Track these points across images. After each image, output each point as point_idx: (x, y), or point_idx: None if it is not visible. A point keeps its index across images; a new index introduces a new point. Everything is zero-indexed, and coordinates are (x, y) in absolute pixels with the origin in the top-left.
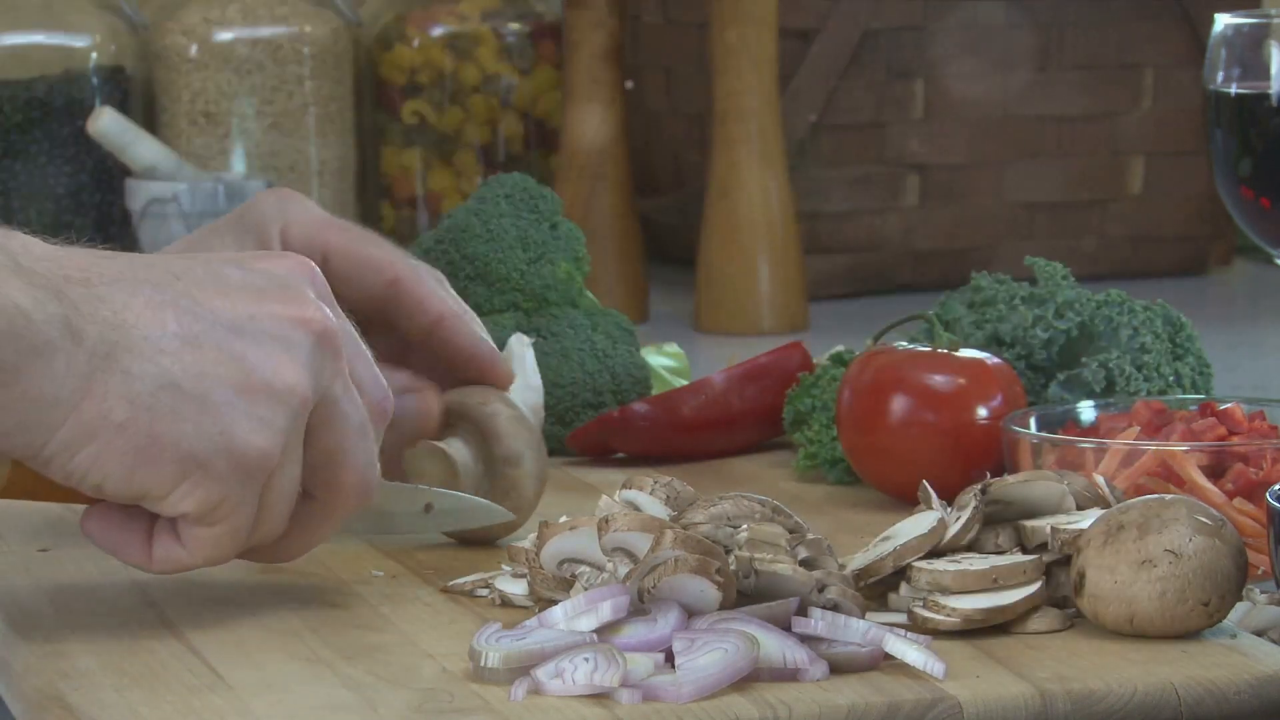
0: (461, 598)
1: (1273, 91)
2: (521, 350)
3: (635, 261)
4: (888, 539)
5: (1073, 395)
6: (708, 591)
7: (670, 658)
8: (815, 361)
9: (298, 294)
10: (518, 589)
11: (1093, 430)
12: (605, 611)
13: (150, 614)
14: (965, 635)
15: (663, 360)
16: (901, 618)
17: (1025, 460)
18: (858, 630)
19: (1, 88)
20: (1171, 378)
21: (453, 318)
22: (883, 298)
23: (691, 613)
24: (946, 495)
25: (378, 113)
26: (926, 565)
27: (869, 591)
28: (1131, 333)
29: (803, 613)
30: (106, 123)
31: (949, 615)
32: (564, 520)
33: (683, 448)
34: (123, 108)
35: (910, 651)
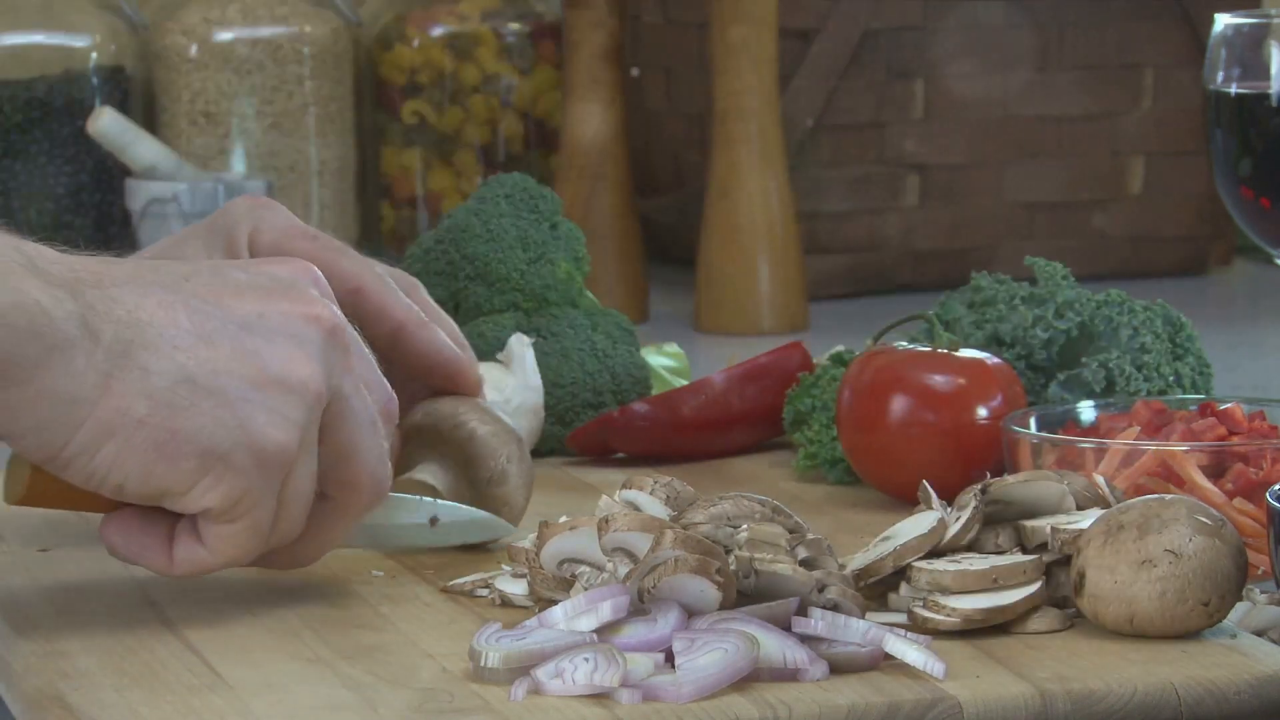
0: (461, 598)
1: (1273, 91)
2: (521, 350)
3: (635, 261)
4: (888, 539)
5: (1073, 395)
6: (708, 591)
7: (670, 658)
8: (815, 361)
9: (304, 293)
10: (518, 589)
11: (1093, 430)
12: (605, 611)
13: (150, 614)
14: (965, 635)
15: (663, 360)
16: (901, 618)
17: (1025, 460)
18: (858, 630)
19: (1, 88)
20: (1171, 378)
21: (414, 325)
22: (883, 298)
23: (691, 613)
24: (946, 495)
25: (378, 113)
26: (926, 565)
27: (869, 591)
28: (1131, 333)
29: (803, 613)
30: (106, 123)
31: (949, 615)
32: (564, 520)
33: (683, 448)
34: (123, 108)
35: (910, 651)
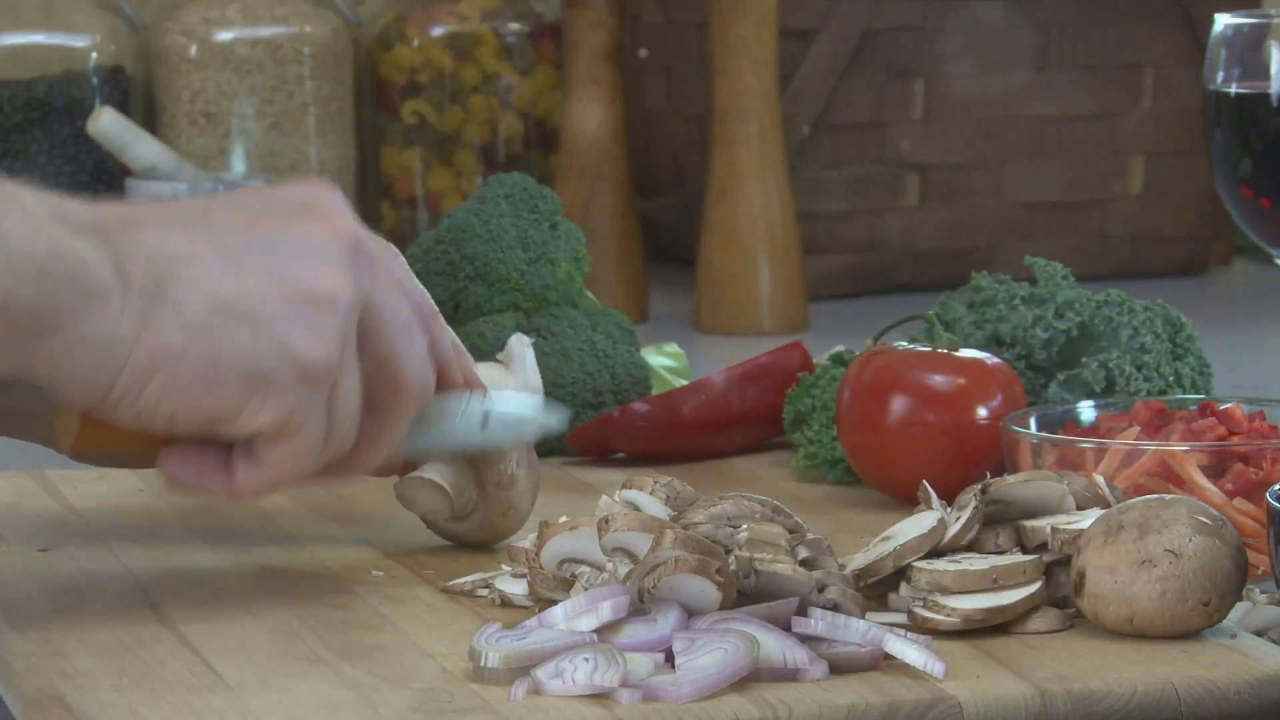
0: (461, 598)
1: (1273, 91)
2: (521, 350)
3: (635, 261)
4: (888, 539)
5: (1073, 395)
6: (708, 591)
7: (670, 658)
8: (815, 361)
9: (324, 210)
10: (518, 589)
11: (1093, 430)
12: (605, 611)
13: (150, 614)
14: (965, 635)
15: (663, 360)
16: (901, 618)
17: (1025, 460)
18: (858, 630)
19: (1, 88)
20: (1171, 378)
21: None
22: (883, 298)
23: (691, 613)
24: (946, 495)
25: (378, 113)
26: (926, 565)
27: (869, 591)
28: (1131, 333)
29: (803, 613)
30: (106, 123)
31: (949, 615)
32: (564, 520)
33: (683, 448)
34: (123, 108)
35: (910, 651)
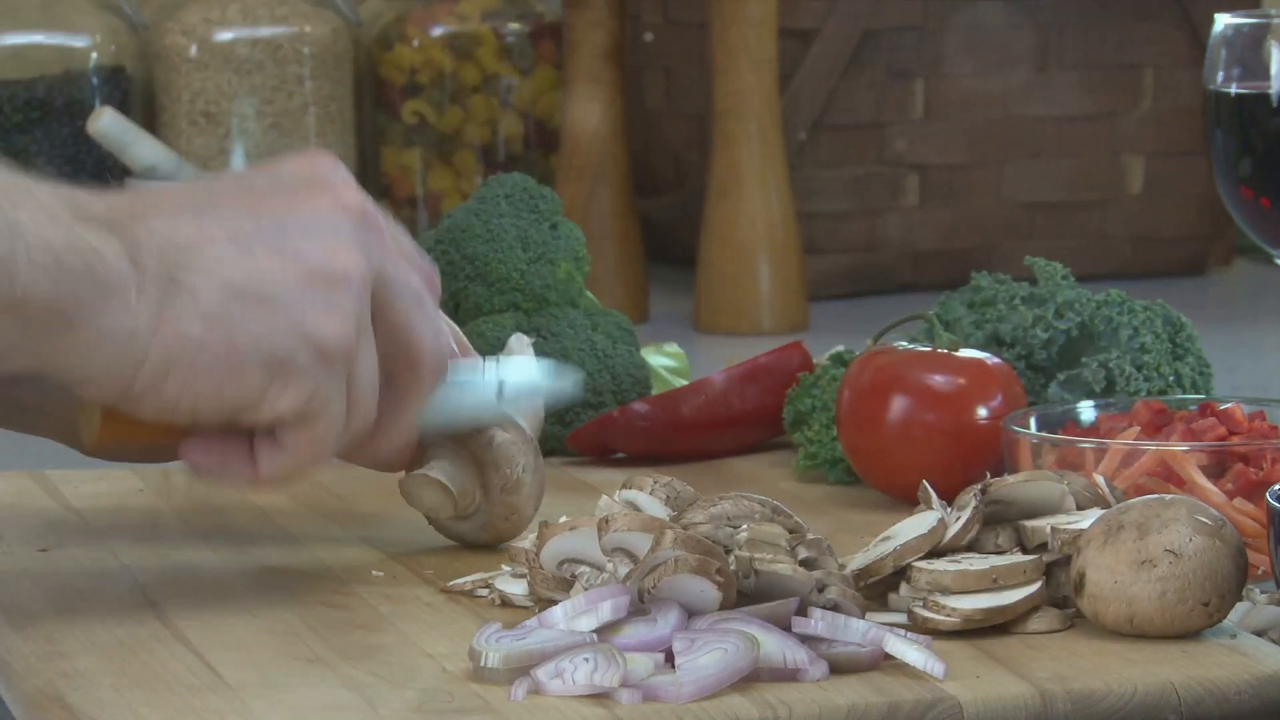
0: (461, 598)
1: (1273, 91)
2: (521, 350)
3: (635, 261)
4: (888, 539)
5: (1073, 395)
6: (708, 591)
7: (670, 658)
8: (815, 361)
9: (328, 184)
10: (518, 589)
11: (1093, 430)
12: (605, 611)
13: (150, 614)
14: (965, 635)
15: (663, 360)
16: (901, 618)
17: (1025, 460)
18: (858, 630)
19: (1, 88)
20: (1171, 378)
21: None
22: (883, 298)
23: (691, 613)
24: (946, 495)
25: (378, 113)
26: (926, 565)
27: (869, 591)
28: (1131, 333)
29: (803, 613)
30: (106, 123)
31: (949, 615)
32: (564, 520)
33: (683, 448)
34: (123, 108)
35: (910, 651)
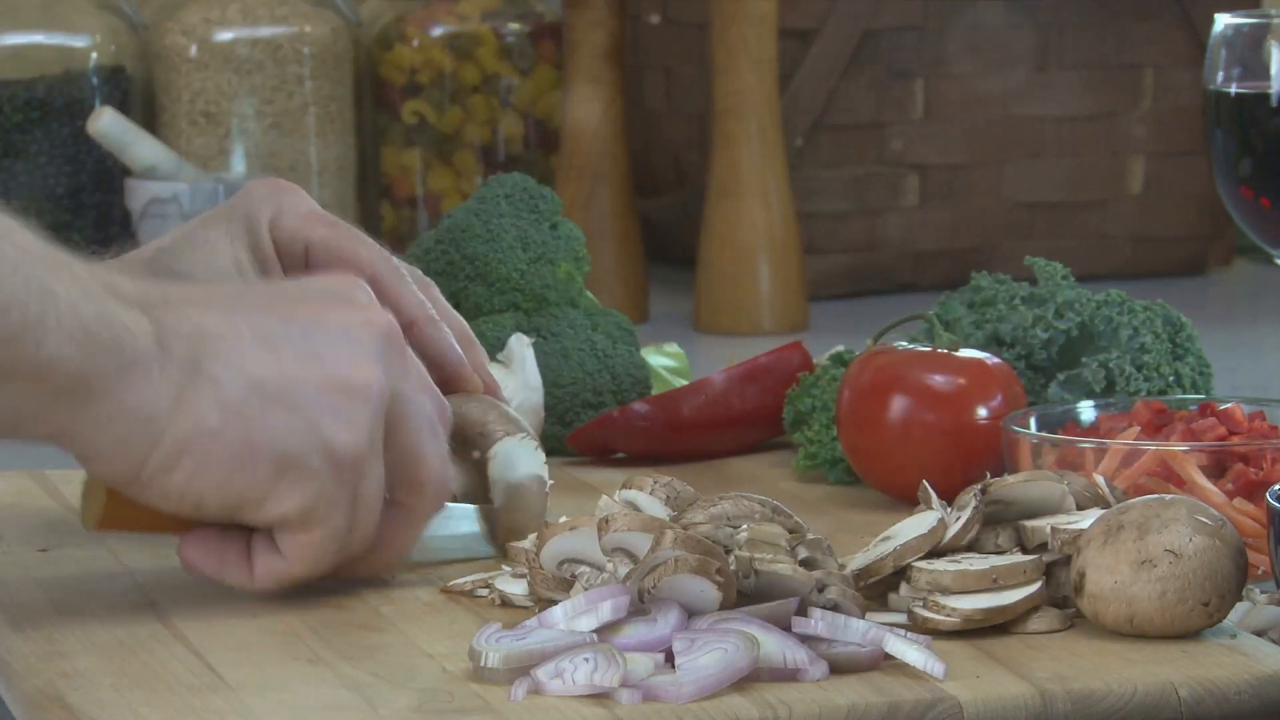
0: (461, 598)
1: (1273, 91)
2: (521, 350)
3: (635, 261)
4: (888, 539)
5: (1073, 395)
6: (708, 591)
7: (670, 658)
8: (815, 361)
9: (357, 300)
10: (518, 589)
11: (1093, 430)
12: (605, 611)
13: (150, 614)
14: (965, 635)
15: (663, 360)
16: (901, 618)
17: (1025, 460)
18: (858, 630)
19: (1, 88)
20: (1171, 378)
21: (424, 322)
22: (883, 298)
23: (691, 613)
24: (946, 495)
25: (378, 113)
26: (926, 565)
27: (869, 591)
28: (1131, 333)
29: (803, 613)
30: (106, 123)
31: (949, 615)
32: (564, 520)
33: (683, 448)
34: (123, 108)
35: (910, 651)
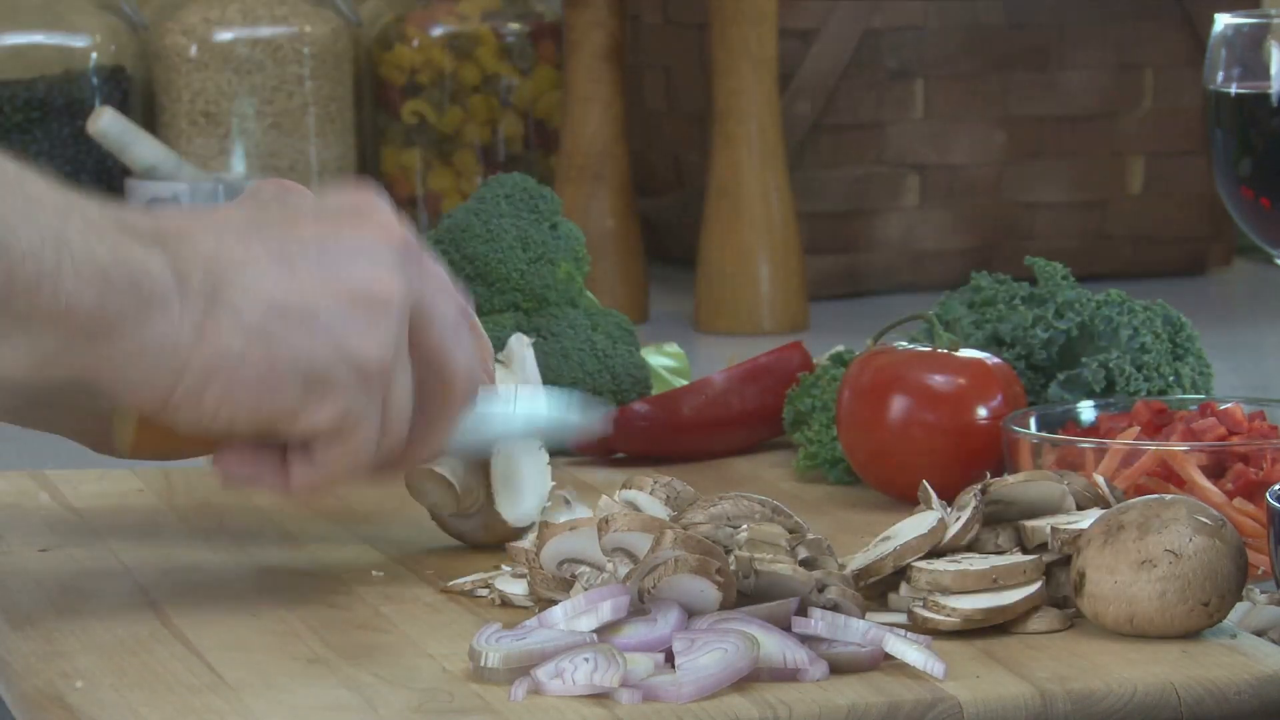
0: (461, 598)
1: (1273, 91)
2: (521, 350)
3: (635, 261)
4: (888, 539)
5: (1073, 395)
6: (708, 591)
7: (670, 658)
8: (815, 361)
9: (371, 212)
10: (518, 589)
11: (1093, 430)
12: (605, 611)
13: (150, 614)
14: (965, 635)
15: (663, 360)
16: (901, 618)
17: (1025, 460)
18: (858, 630)
19: (1, 88)
20: (1171, 378)
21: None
22: (883, 298)
23: (691, 613)
24: (946, 495)
25: (378, 113)
26: (926, 565)
27: (869, 591)
28: (1131, 333)
29: (803, 613)
30: (106, 123)
31: (949, 615)
32: (564, 520)
33: (683, 448)
34: (123, 108)
35: (910, 651)
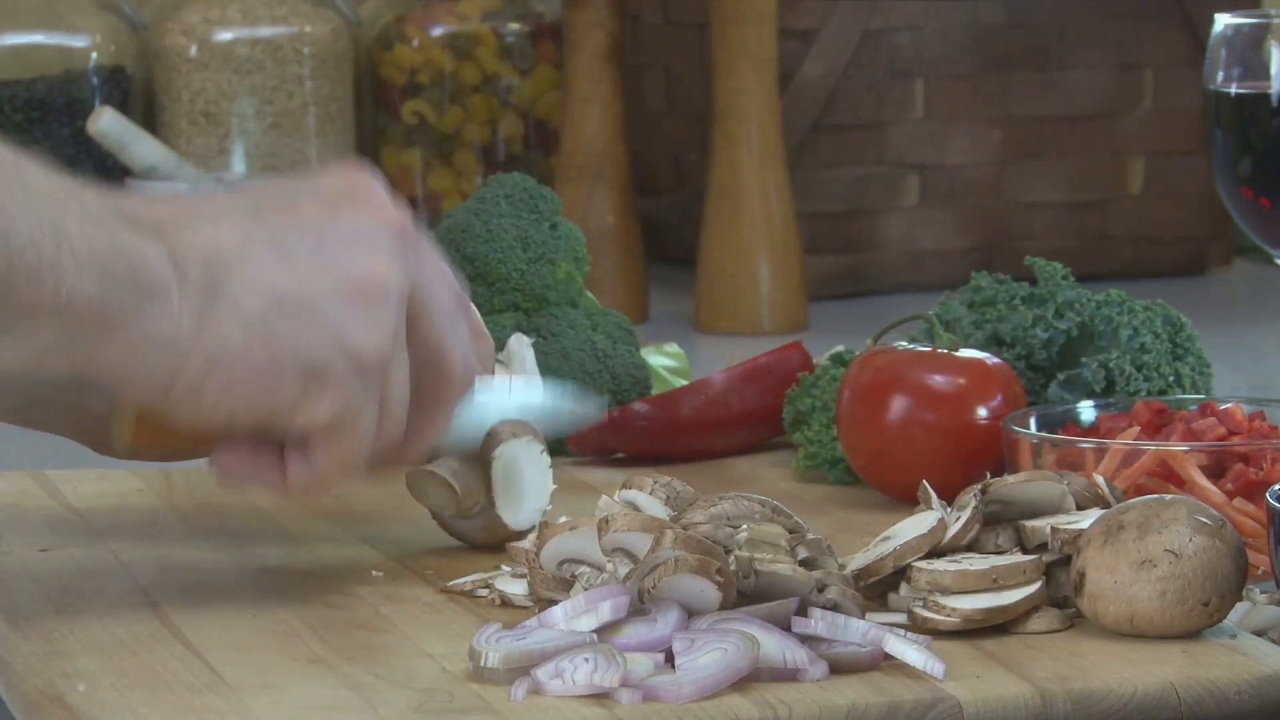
0: (461, 598)
1: (1273, 91)
2: (521, 350)
3: (635, 261)
4: (888, 539)
5: (1073, 395)
6: (708, 591)
7: (670, 658)
8: (815, 361)
9: (368, 196)
10: (518, 589)
11: (1093, 430)
12: (605, 611)
13: (150, 614)
14: (965, 635)
15: (663, 360)
16: (901, 618)
17: (1025, 460)
18: (858, 630)
19: (1, 88)
20: (1171, 378)
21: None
22: (883, 298)
23: (691, 613)
24: (946, 495)
25: (378, 113)
26: (926, 565)
27: (869, 591)
28: (1131, 333)
29: (803, 613)
30: (106, 123)
31: (949, 615)
32: (564, 520)
33: (683, 448)
34: (123, 108)
35: (910, 651)
